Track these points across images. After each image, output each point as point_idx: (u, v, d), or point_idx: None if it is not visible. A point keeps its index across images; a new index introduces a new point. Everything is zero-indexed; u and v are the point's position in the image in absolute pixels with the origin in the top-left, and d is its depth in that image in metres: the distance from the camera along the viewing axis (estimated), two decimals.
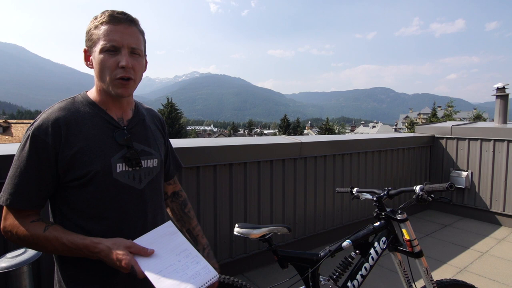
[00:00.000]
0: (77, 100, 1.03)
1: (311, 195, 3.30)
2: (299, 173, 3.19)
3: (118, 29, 0.96)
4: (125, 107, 1.08)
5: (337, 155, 3.54)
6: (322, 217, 3.42)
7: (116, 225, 1.00)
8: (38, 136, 0.93)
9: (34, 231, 0.92)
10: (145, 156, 1.07)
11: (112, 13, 0.97)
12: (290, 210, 3.13)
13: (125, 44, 0.96)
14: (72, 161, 0.95)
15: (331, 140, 3.61)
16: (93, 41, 0.98)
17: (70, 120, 0.97)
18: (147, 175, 1.07)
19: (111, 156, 0.99)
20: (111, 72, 0.96)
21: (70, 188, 0.97)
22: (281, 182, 3.04)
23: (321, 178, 3.39)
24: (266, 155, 2.94)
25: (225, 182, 2.66)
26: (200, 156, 2.51)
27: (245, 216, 2.79)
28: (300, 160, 3.20)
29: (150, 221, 1.07)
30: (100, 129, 1.00)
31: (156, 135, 1.16)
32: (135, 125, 1.09)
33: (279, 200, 3.03)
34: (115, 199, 1.00)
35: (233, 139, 3.17)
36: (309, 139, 3.44)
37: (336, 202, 3.55)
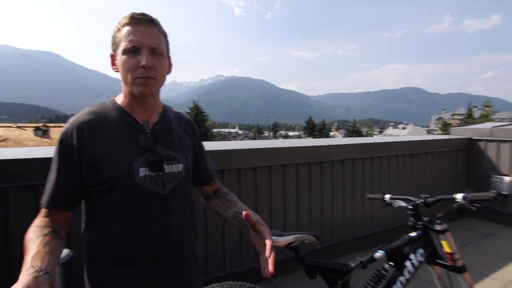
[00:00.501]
0: (106, 105, 1.04)
1: (338, 200, 3.18)
2: (326, 177, 3.08)
3: (138, 29, 0.96)
4: (151, 110, 1.07)
5: (366, 158, 3.39)
6: (350, 223, 3.28)
7: (137, 230, 0.98)
8: (65, 140, 0.96)
9: (28, 235, 0.90)
10: (169, 161, 1.05)
11: (133, 14, 0.98)
12: (316, 215, 3.02)
13: (144, 44, 0.96)
14: (95, 165, 0.95)
15: (359, 142, 3.46)
16: (116, 44, 0.99)
17: (95, 124, 0.98)
18: (171, 180, 1.04)
19: (134, 160, 0.98)
20: (132, 72, 0.96)
21: (94, 192, 0.98)
22: (307, 186, 2.95)
23: (349, 182, 3.26)
24: (292, 158, 2.86)
25: (249, 186, 2.62)
26: (225, 159, 2.48)
27: (270, 222, 2.72)
28: (327, 164, 3.09)
29: (174, 228, 1.05)
30: (125, 133, 1.00)
31: (183, 139, 1.13)
32: (160, 128, 1.07)
33: (305, 204, 2.94)
34: (137, 203, 0.98)
35: (258, 142, 3.11)
36: (336, 142, 3.32)
37: (366, 207, 3.40)
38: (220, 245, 2.50)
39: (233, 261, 2.57)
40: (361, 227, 3.37)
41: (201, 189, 1.28)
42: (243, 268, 2.60)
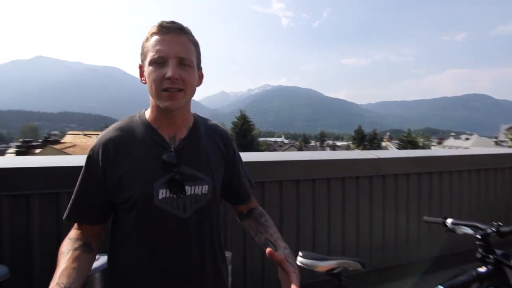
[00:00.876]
0: (134, 119, 1.01)
1: (390, 219, 2.89)
2: (376, 193, 2.82)
3: (166, 38, 0.91)
4: (179, 125, 1.00)
5: (423, 173, 3.06)
6: (404, 245, 2.96)
7: (157, 253, 0.94)
8: (91, 156, 0.95)
9: (61, 248, 0.92)
10: (193, 182, 0.97)
11: (161, 23, 0.93)
12: (364, 235, 2.77)
13: (172, 54, 0.90)
14: (118, 182, 0.93)
15: (416, 156, 3.15)
16: (144, 54, 0.94)
17: (120, 141, 0.95)
18: (193, 203, 0.97)
19: (155, 181, 0.93)
20: (157, 84, 0.90)
21: (119, 209, 0.98)
22: (354, 202, 2.73)
23: (403, 200, 2.95)
24: (338, 171, 2.67)
25: (291, 200, 2.49)
26: (265, 171, 2.39)
27: (313, 241, 2.55)
28: (378, 178, 2.84)
29: (195, 253, 0.98)
30: (148, 150, 0.95)
31: (212, 156, 1.05)
32: (187, 145, 1.00)
33: (352, 223, 2.72)
34: (157, 226, 0.94)
35: (301, 153, 2.99)
36: (388, 155, 3.05)
37: (423, 229, 3.05)
38: (259, 261, 2.40)
39: (273, 280, 2.44)
40: (416, 251, 3.02)
41: (235, 207, 1.21)
42: None
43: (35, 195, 1.81)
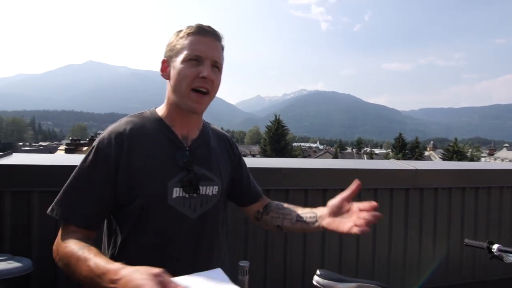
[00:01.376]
0: (145, 116, 1.00)
1: (428, 237, 2.63)
2: (413, 208, 2.59)
3: (204, 41, 0.93)
4: (193, 125, 1.01)
5: (467, 188, 2.76)
6: (443, 266, 2.68)
7: (163, 255, 0.92)
8: (102, 148, 0.90)
9: (71, 249, 0.81)
10: (205, 182, 0.97)
11: (200, 25, 0.95)
12: (398, 252, 2.55)
13: (209, 56, 0.92)
14: (130, 178, 0.89)
15: (459, 168, 2.86)
16: (176, 51, 0.94)
17: (134, 135, 0.93)
18: (203, 204, 0.97)
19: (169, 179, 0.92)
20: (189, 81, 0.91)
21: (124, 208, 0.92)
22: (387, 217, 2.52)
23: (443, 217, 2.68)
24: (369, 181, 2.49)
25: None
26: (290, 178, 2.29)
27: (339, 258, 2.38)
28: (414, 191, 2.60)
29: (202, 255, 0.97)
30: (162, 148, 0.94)
31: (221, 158, 1.06)
32: (199, 146, 1.00)
33: (383, 239, 2.51)
34: (165, 226, 0.92)
35: (329, 161, 2.84)
36: (427, 166, 2.80)
37: (466, 250, 2.74)
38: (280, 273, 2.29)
39: None
40: (457, 273, 2.72)
41: (250, 208, 1.19)
42: None
43: None
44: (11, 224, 1.79)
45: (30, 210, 1.81)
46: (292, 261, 2.28)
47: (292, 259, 2.28)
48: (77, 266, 0.78)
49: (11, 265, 1.47)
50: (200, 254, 0.97)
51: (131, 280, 0.67)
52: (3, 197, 1.77)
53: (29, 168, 1.84)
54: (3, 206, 1.77)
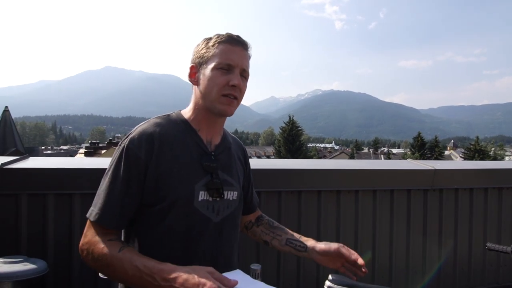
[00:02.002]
0: (172, 118, 1.02)
1: (448, 240, 2.52)
2: (432, 209, 2.49)
3: (235, 50, 0.97)
4: (217, 131, 1.04)
5: (490, 188, 2.63)
6: (465, 270, 2.56)
7: (184, 256, 0.92)
8: (132, 149, 0.91)
9: (110, 250, 0.84)
10: (227, 187, 1.00)
11: (231, 34, 0.99)
12: (416, 256, 2.45)
13: (239, 65, 0.96)
14: (158, 179, 0.91)
15: (481, 168, 2.73)
16: (206, 58, 0.98)
17: (163, 137, 0.95)
18: (225, 208, 0.99)
19: (195, 182, 0.94)
20: (219, 89, 0.94)
21: (146, 209, 0.94)
22: (404, 218, 2.44)
23: (465, 218, 2.56)
24: (385, 182, 2.41)
25: (331, 212, 2.30)
26: (303, 180, 2.25)
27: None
28: (433, 193, 2.50)
29: (222, 259, 0.98)
30: (189, 151, 0.97)
31: (238, 165, 1.10)
32: (222, 152, 1.04)
33: (401, 241, 2.42)
34: (189, 228, 0.93)
35: (343, 161, 2.77)
36: (446, 165, 2.69)
37: (490, 253, 2.61)
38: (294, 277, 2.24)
39: None
40: (480, 277, 2.60)
41: (243, 217, 1.21)
42: None
43: (77, 194, 1.91)
44: (28, 226, 1.83)
45: (45, 212, 1.85)
46: (306, 264, 2.23)
47: (305, 262, 2.23)
48: (121, 267, 0.81)
49: (26, 267, 1.50)
50: (221, 257, 0.99)
51: (189, 278, 0.71)
52: (20, 199, 1.82)
53: (44, 171, 1.88)
54: (20, 208, 1.81)
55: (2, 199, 1.79)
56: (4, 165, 1.79)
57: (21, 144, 10.70)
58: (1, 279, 1.42)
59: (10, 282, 1.45)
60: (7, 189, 1.80)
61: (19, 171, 1.83)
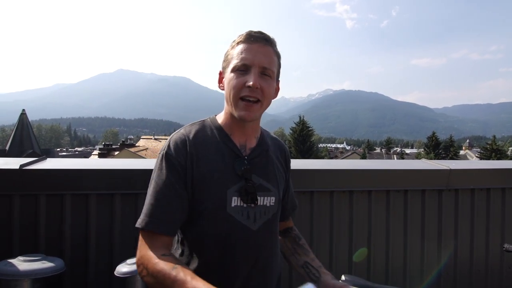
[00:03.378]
0: (206, 124, 1.01)
1: (465, 242, 2.47)
2: (447, 210, 2.43)
3: (252, 47, 0.92)
4: (250, 134, 1.01)
5: (507, 189, 2.56)
6: (482, 272, 2.50)
7: (219, 264, 0.91)
8: (171, 155, 0.92)
9: (163, 267, 0.80)
10: (262, 192, 0.96)
11: (250, 32, 0.94)
12: (431, 258, 2.40)
13: (256, 63, 0.90)
14: (194, 185, 0.91)
15: (498, 167, 2.66)
16: (227, 61, 0.96)
17: (197, 142, 0.95)
18: (262, 215, 0.95)
19: (228, 187, 0.91)
20: (236, 91, 0.91)
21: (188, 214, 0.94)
22: (419, 219, 2.39)
23: (481, 219, 2.50)
24: (399, 183, 2.38)
25: (344, 213, 2.28)
26: (315, 180, 2.24)
27: (368, 263, 2.29)
28: (448, 193, 2.45)
29: (259, 268, 0.95)
30: (222, 156, 0.95)
31: (277, 169, 1.05)
32: (257, 155, 1.00)
33: (415, 243, 2.38)
34: (226, 235, 0.91)
35: (356, 161, 2.74)
36: (462, 165, 2.63)
37: (508, 254, 2.54)
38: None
39: None
40: (497, 279, 2.53)
41: None
42: None
43: (93, 195, 1.95)
44: (46, 225, 1.88)
45: (63, 212, 1.90)
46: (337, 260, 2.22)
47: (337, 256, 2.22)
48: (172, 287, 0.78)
49: (44, 265, 1.54)
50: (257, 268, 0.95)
51: None
52: (38, 199, 1.87)
53: (61, 172, 1.93)
54: (39, 208, 1.87)
55: (22, 199, 1.85)
56: (23, 166, 1.84)
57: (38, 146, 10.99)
58: (21, 276, 1.47)
59: (29, 279, 1.49)
60: (27, 189, 1.86)
61: (37, 172, 1.89)
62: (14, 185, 1.83)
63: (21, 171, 1.82)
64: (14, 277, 1.43)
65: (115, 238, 1.93)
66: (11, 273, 1.43)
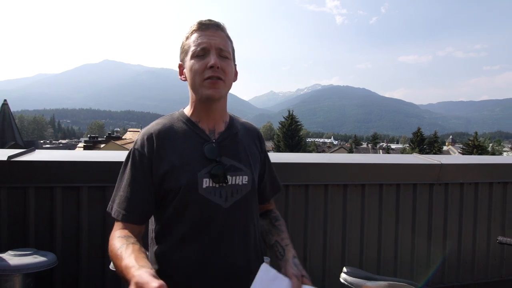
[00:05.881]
0: (174, 116, 1.05)
1: (453, 234, 2.54)
2: (437, 204, 2.49)
3: (206, 33, 0.97)
4: (218, 119, 1.04)
5: (495, 183, 2.64)
6: (468, 264, 2.58)
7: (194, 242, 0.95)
8: (137, 149, 0.98)
9: (115, 245, 0.90)
10: (234, 172, 0.99)
11: (200, 21, 0.99)
12: (422, 250, 2.46)
13: (212, 45, 0.95)
14: (164, 174, 0.95)
15: (487, 162, 2.73)
16: (185, 51, 1.00)
17: (163, 134, 0.99)
18: (234, 193, 0.99)
19: (198, 170, 0.95)
20: (200, 74, 0.95)
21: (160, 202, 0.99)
22: (410, 213, 2.44)
23: (469, 213, 2.57)
24: (391, 177, 2.42)
25: (337, 206, 2.30)
26: (309, 173, 2.24)
27: (360, 255, 2.33)
28: (439, 187, 2.51)
29: (236, 245, 0.99)
30: (191, 143, 0.99)
31: (250, 151, 1.08)
32: (226, 138, 1.03)
33: (407, 235, 2.43)
34: (199, 216, 0.95)
35: (349, 155, 2.77)
36: (452, 160, 2.69)
37: (493, 247, 2.63)
38: None
39: None
40: (484, 271, 2.62)
41: None
42: None
43: (84, 187, 1.90)
44: (35, 219, 1.82)
45: (53, 205, 1.84)
46: (312, 257, 2.24)
47: (312, 255, 2.24)
48: (116, 263, 0.86)
49: (36, 259, 1.50)
50: (236, 242, 0.99)
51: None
52: (27, 192, 1.81)
53: (52, 164, 1.87)
54: (28, 201, 1.81)
55: (10, 192, 1.79)
56: (11, 158, 1.78)
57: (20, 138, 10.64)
58: (12, 271, 1.42)
59: (21, 274, 1.45)
60: (15, 181, 1.79)
61: (26, 164, 1.82)
62: (1, 177, 1.76)
63: (9, 162, 1.75)
64: (5, 271, 1.39)
65: (108, 231, 1.88)
66: (1, 267, 1.39)
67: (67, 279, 1.85)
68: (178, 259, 0.96)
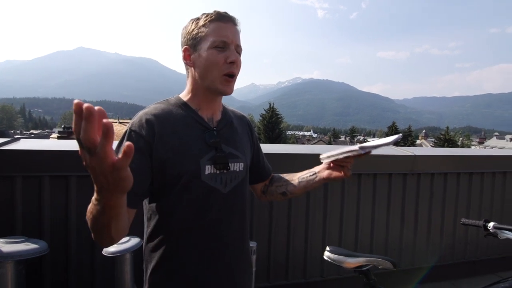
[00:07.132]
0: (171, 102, 1.05)
1: (423, 220, 2.75)
2: (410, 192, 2.69)
3: (227, 26, 0.97)
4: (216, 108, 1.07)
5: (462, 173, 2.87)
6: (436, 247, 2.81)
7: (195, 227, 0.98)
8: (134, 131, 0.94)
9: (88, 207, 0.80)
10: (232, 159, 1.03)
11: (219, 12, 0.99)
12: (394, 234, 2.66)
13: (234, 41, 0.97)
14: (166, 160, 0.94)
15: (455, 154, 2.95)
16: (199, 39, 0.98)
17: (164, 119, 0.98)
18: (233, 179, 1.03)
19: (201, 157, 0.97)
20: (219, 67, 0.96)
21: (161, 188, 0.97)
22: (385, 200, 2.62)
23: (438, 200, 2.79)
24: (369, 167, 2.58)
25: (319, 195, 2.44)
26: (292, 163, 2.35)
27: (340, 237, 2.49)
28: (412, 177, 2.70)
29: (234, 227, 1.03)
30: (192, 130, 1.00)
31: (243, 138, 1.13)
32: (224, 126, 1.06)
33: (382, 221, 2.62)
34: (200, 201, 0.97)
35: (329, 147, 2.90)
36: (424, 152, 2.89)
37: (459, 231, 2.88)
38: (283, 253, 2.38)
39: (297, 273, 2.42)
40: (450, 254, 2.86)
41: (258, 186, 1.26)
42: (307, 280, 2.43)
43: (73, 176, 1.91)
44: (23, 208, 1.82)
45: (41, 194, 1.85)
46: (295, 239, 2.37)
47: (294, 237, 2.37)
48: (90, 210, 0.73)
49: (28, 246, 1.52)
50: (234, 225, 1.04)
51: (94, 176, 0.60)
52: (15, 182, 1.80)
53: (39, 153, 1.87)
54: (15, 190, 1.80)
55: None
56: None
57: None
58: (4, 258, 1.44)
59: (13, 261, 1.46)
60: (1, 171, 1.78)
61: (12, 153, 1.81)
62: None
63: None
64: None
65: None
66: None
67: (56, 267, 1.87)
68: (179, 246, 0.97)
